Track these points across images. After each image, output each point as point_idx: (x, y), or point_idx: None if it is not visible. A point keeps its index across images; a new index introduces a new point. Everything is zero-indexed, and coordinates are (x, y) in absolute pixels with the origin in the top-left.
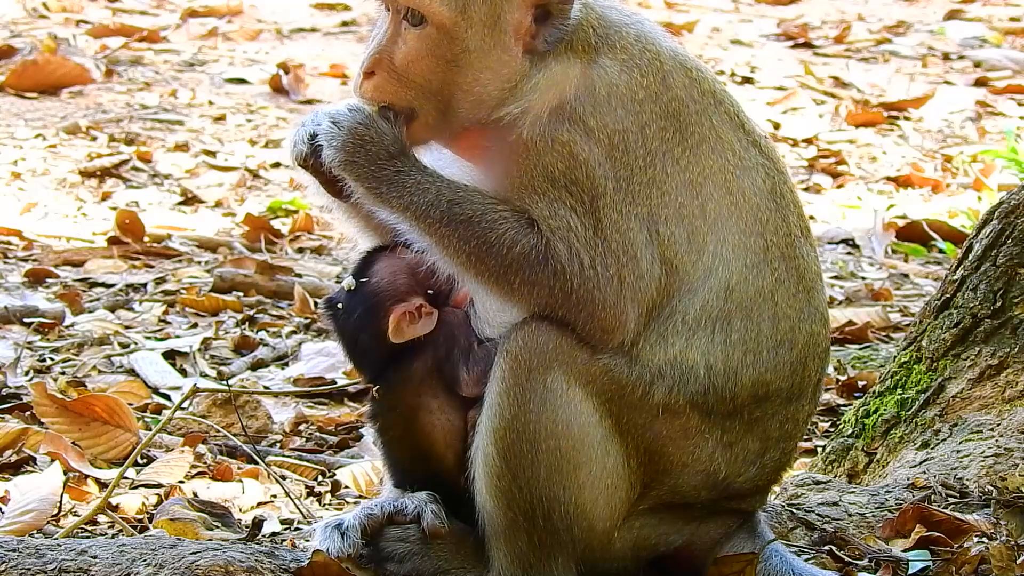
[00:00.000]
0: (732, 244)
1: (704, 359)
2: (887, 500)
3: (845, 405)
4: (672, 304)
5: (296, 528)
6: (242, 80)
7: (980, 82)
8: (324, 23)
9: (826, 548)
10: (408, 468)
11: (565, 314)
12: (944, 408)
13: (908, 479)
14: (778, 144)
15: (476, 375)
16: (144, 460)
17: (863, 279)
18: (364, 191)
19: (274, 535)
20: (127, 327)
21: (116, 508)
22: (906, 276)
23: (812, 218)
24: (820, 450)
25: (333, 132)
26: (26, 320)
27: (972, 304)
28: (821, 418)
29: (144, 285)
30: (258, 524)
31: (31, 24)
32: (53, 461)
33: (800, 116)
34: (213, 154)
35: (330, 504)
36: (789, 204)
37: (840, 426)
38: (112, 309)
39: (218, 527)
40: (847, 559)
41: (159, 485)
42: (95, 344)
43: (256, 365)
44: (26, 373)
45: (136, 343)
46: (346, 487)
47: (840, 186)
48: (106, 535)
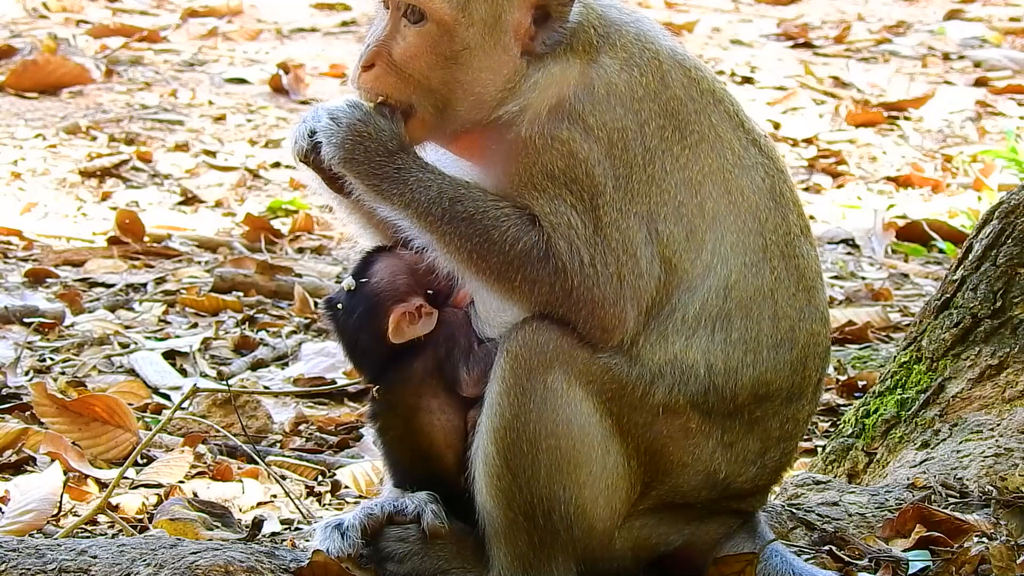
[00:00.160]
0: (731, 242)
1: (704, 358)
2: (887, 500)
3: (845, 405)
4: (672, 303)
5: (296, 528)
6: (242, 80)
7: (980, 82)
8: (324, 23)
9: (826, 548)
10: (408, 468)
11: (565, 312)
12: (944, 408)
13: (908, 479)
14: (778, 144)
15: (476, 375)
16: (144, 460)
17: (863, 279)
18: (364, 188)
19: (274, 535)
20: (127, 327)
21: (116, 508)
22: (906, 276)
23: (812, 218)
24: (820, 450)
25: (332, 129)
26: (26, 320)
27: (972, 304)
28: (821, 418)
29: (144, 285)
30: (258, 524)
31: (31, 24)
32: (53, 461)
33: (800, 116)
34: (213, 154)
35: (330, 504)
36: (788, 203)
37: (840, 426)
38: (112, 309)
39: (218, 527)
40: (847, 559)
41: (159, 485)
42: (95, 344)
43: (256, 365)
44: (26, 373)
45: (136, 343)
46: (346, 487)
47: (840, 186)
48: (106, 535)
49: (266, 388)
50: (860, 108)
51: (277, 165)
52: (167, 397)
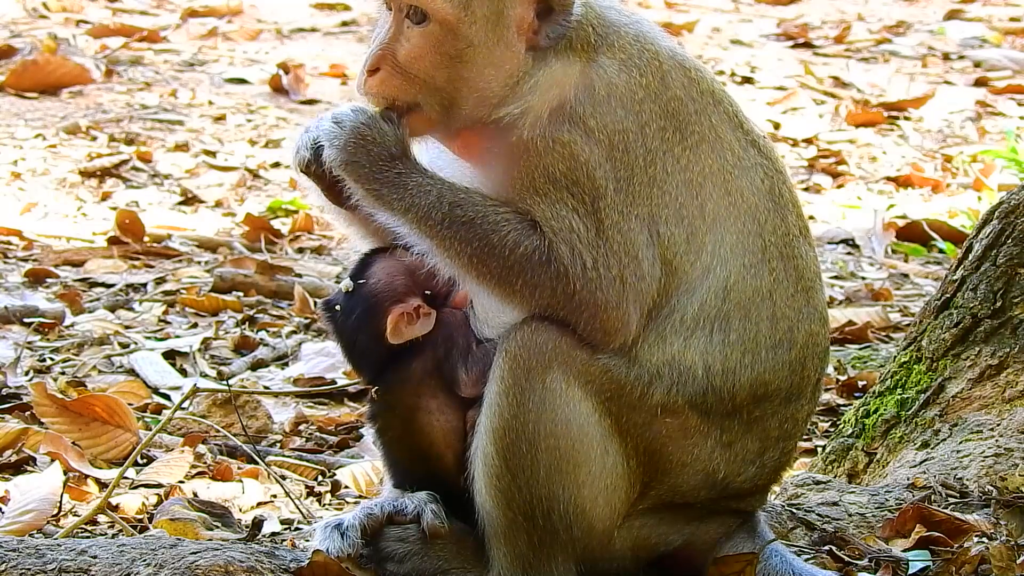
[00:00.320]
0: (730, 244)
1: (702, 359)
2: (887, 500)
3: (845, 405)
4: (671, 304)
5: (296, 528)
6: (242, 80)
7: (980, 82)
8: (324, 23)
9: (826, 548)
10: (408, 468)
11: (567, 315)
12: (944, 408)
13: (908, 479)
14: (778, 144)
15: (475, 375)
16: (144, 460)
17: (863, 279)
18: (364, 193)
19: (274, 535)
20: (127, 327)
21: (116, 508)
22: (906, 276)
23: (812, 218)
24: (820, 450)
25: (335, 132)
26: (26, 320)
27: (972, 304)
28: (821, 418)
29: (144, 285)
30: (258, 524)
31: (31, 24)
32: (53, 461)
33: (800, 116)
34: (213, 154)
35: (330, 504)
36: (788, 204)
37: (840, 426)
38: (112, 309)
39: (218, 527)
40: (847, 559)
41: (159, 485)
42: (95, 344)
43: (256, 365)
44: (26, 373)
45: (136, 343)
46: (346, 487)
47: (840, 186)
48: (106, 535)
49: (266, 388)
50: (860, 108)
51: (277, 165)
52: (167, 397)
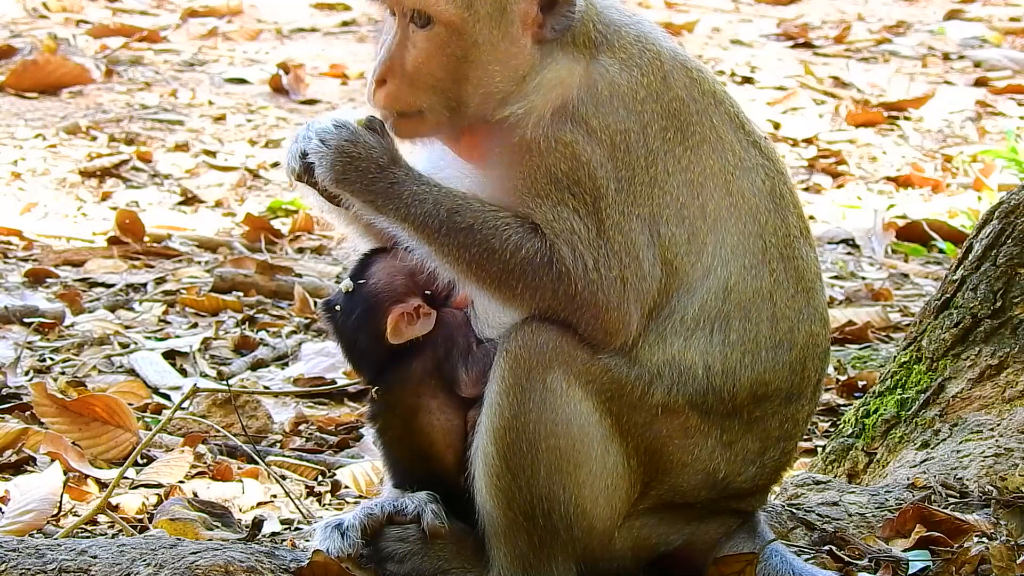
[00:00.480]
0: (731, 245)
1: (702, 359)
2: (887, 500)
3: (845, 405)
4: (671, 304)
5: (296, 528)
6: (242, 80)
7: (980, 82)
8: (324, 23)
9: (826, 548)
10: (408, 468)
11: (567, 316)
12: (944, 408)
13: (908, 479)
14: (778, 144)
15: (475, 375)
16: (144, 460)
17: (863, 279)
18: (361, 204)
19: (274, 535)
20: (127, 327)
21: (116, 508)
22: (906, 276)
23: (812, 218)
24: (820, 450)
25: (322, 152)
26: (26, 320)
27: (972, 304)
28: (821, 418)
29: (144, 285)
30: (258, 524)
31: (31, 24)
32: (53, 461)
33: (800, 116)
34: (213, 154)
35: (330, 504)
36: (789, 205)
37: (840, 426)
38: (112, 309)
39: (218, 527)
40: (847, 559)
41: (159, 485)
42: (95, 344)
43: (256, 365)
44: (26, 373)
45: (136, 343)
46: (346, 487)
47: (840, 186)
48: (106, 535)
49: (266, 388)
50: (860, 108)
51: (277, 165)
52: (167, 397)
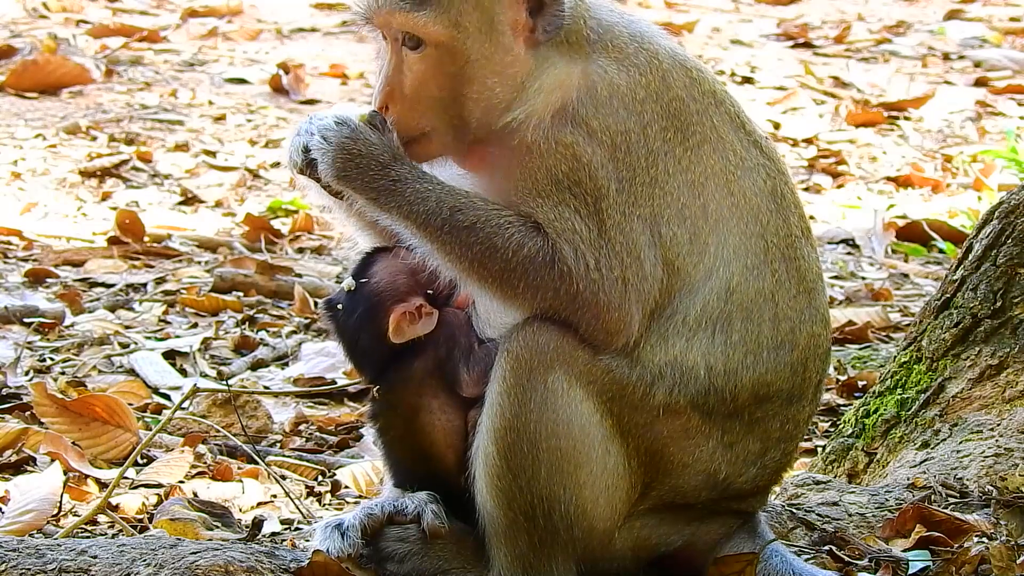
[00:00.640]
0: (733, 245)
1: (704, 360)
2: (887, 500)
3: (845, 405)
4: (673, 305)
5: (296, 528)
6: (242, 80)
7: (980, 82)
8: (324, 23)
9: (826, 548)
10: (408, 468)
11: (568, 316)
12: (944, 408)
13: (908, 479)
14: (778, 144)
15: (476, 375)
16: (144, 460)
17: (863, 279)
18: (363, 201)
19: (274, 535)
20: (127, 327)
21: (116, 508)
22: (906, 276)
23: (812, 218)
24: (820, 450)
25: (324, 148)
26: (26, 320)
27: (972, 304)
28: (821, 418)
29: (144, 285)
30: (258, 524)
31: (31, 24)
32: (53, 461)
33: (800, 116)
34: (213, 154)
35: (330, 504)
36: (790, 205)
37: (840, 426)
38: (112, 309)
39: (218, 527)
40: (847, 559)
41: (159, 485)
42: (95, 344)
43: (256, 365)
44: (26, 373)
45: (136, 343)
46: (346, 487)
47: (840, 186)
48: (106, 535)
49: (266, 388)
50: (860, 108)
51: (277, 165)
52: (167, 397)
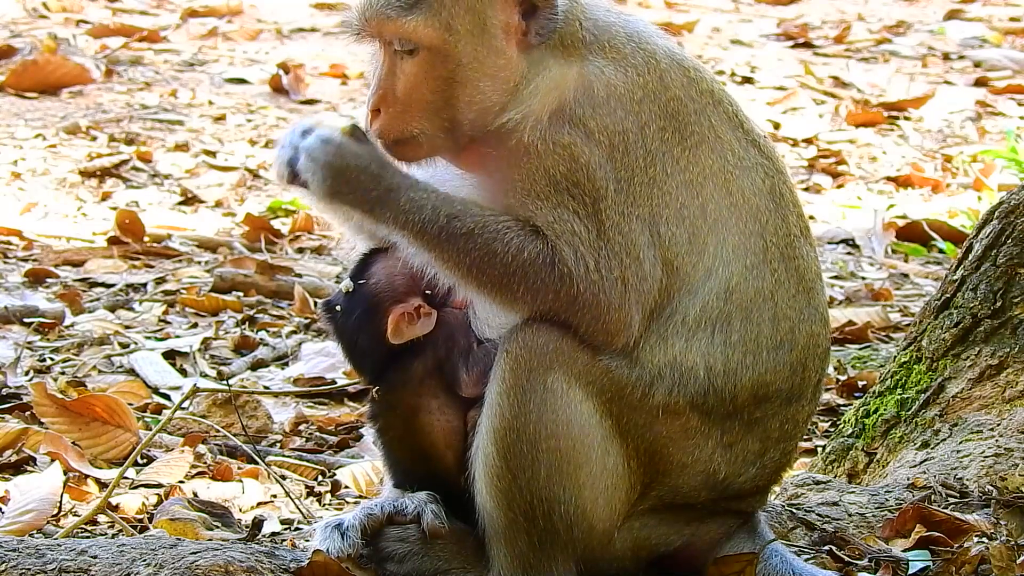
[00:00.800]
0: (732, 245)
1: (704, 360)
2: (887, 500)
3: (845, 405)
4: (672, 305)
5: (296, 528)
6: (242, 80)
7: (980, 82)
8: (324, 23)
9: (826, 548)
10: (408, 468)
11: (568, 317)
12: (944, 408)
13: (908, 479)
14: (778, 144)
15: (476, 375)
16: (144, 460)
17: (863, 279)
18: (360, 215)
19: (274, 535)
20: (127, 327)
21: (116, 508)
22: (906, 276)
23: (812, 218)
24: (820, 450)
25: (311, 168)
26: (26, 320)
27: (972, 304)
28: (821, 418)
29: (144, 285)
30: (258, 524)
31: (31, 24)
32: (53, 461)
33: (800, 116)
34: (213, 154)
35: (330, 504)
36: (789, 204)
37: (840, 426)
38: (112, 309)
39: (218, 527)
40: (847, 559)
41: (159, 485)
42: (95, 344)
43: (256, 365)
44: (26, 373)
45: (136, 343)
46: (346, 487)
47: (840, 186)
48: (106, 535)
49: (266, 388)
50: (860, 108)
51: None
52: (167, 397)
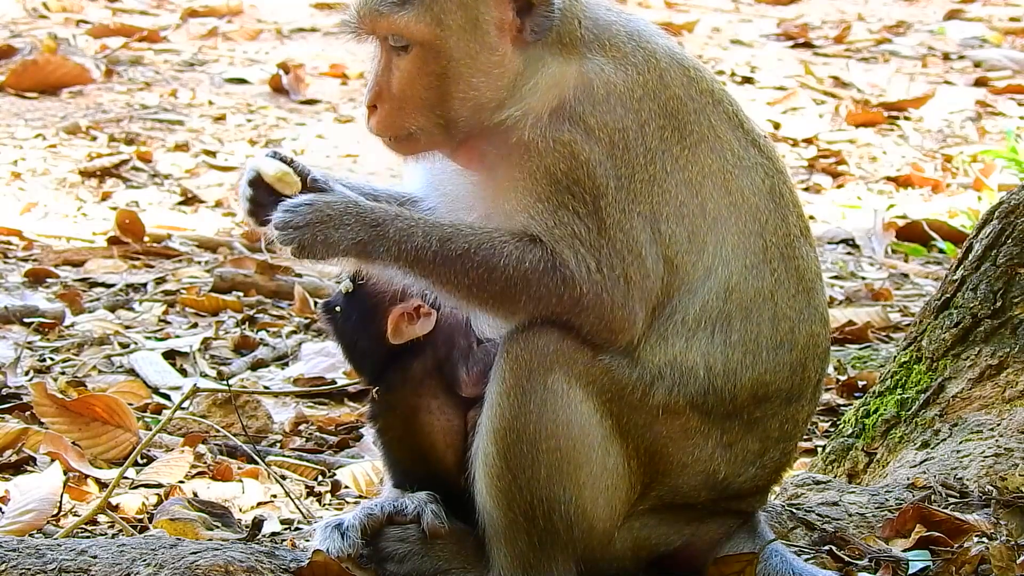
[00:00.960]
0: (732, 244)
1: (704, 360)
2: (887, 500)
3: (845, 405)
4: (672, 304)
5: (296, 528)
6: (242, 80)
7: (980, 82)
8: (324, 23)
9: (826, 548)
10: (408, 468)
11: (572, 319)
12: (944, 408)
13: (908, 479)
14: (778, 144)
15: (475, 375)
16: (144, 460)
17: (863, 279)
18: (353, 260)
19: (274, 535)
20: (127, 327)
21: (116, 508)
22: (906, 276)
23: (812, 218)
24: (820, 450)
25: (284, 237)
26: (26, 320)
27: (972, 304)
28: (821, 418)
29: (144, 285)
30: (258, 524)
31: (31, 24)
32: (53, 461)
33: (800, 116)
34: (213, 154)
35: (330, 504)
36: (788, 204)
37: (840, 426)
38: (112, 309)
39: (218, 527)
40: (847, 559)
41: (159, 485)
42: (95, 344)
43: (256, 365)
44: (26, 373)
45: (136, 343)
46: (346, 487)
47: (840, 186)
48: (106, 535)
49: (266, 388)
50: (860, 108)
51: None
52: (167, 397)
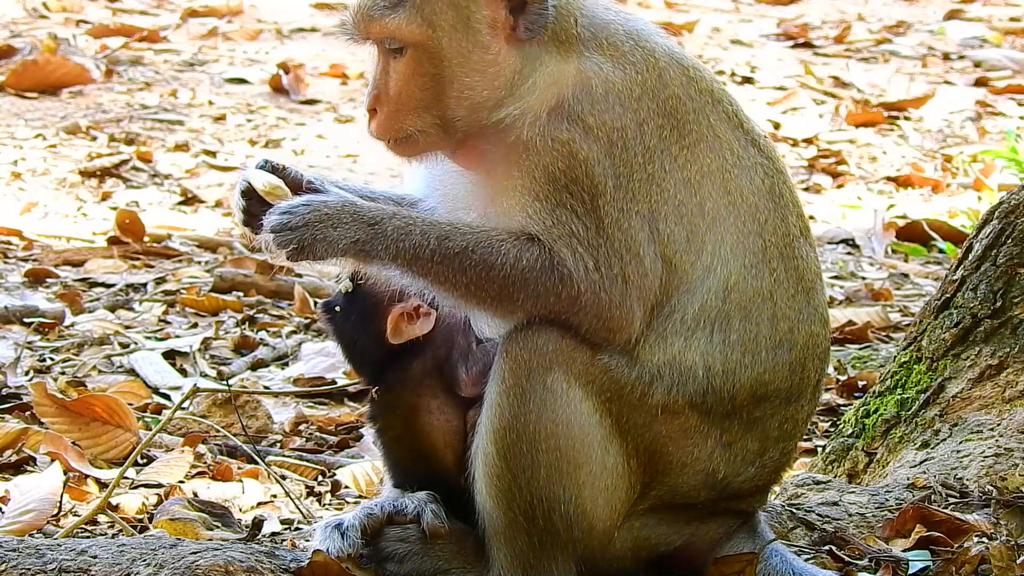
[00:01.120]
0: (731, 244)
1: (703, 359)
2: (887, 500)
3: (845, 405)
4: (671, 304)
5: (296, 528)
6: (242, 80)
7: (980, 82)
8: (324, 23)
9: (826, 548)
10: (408, 468)
11: (570, 318)
12: (944, 408)
13: (908, 479)
14: (778, 144)
15: (475, 375)
16: (144, 460)
17: (863, 279)
18: (352, 261)
19: (274, 535)
20: (127, 327)
21: (116, 508)
22: (906, 276)
23: (812, 218)
24: (820, 450)
25: (286, 240)
26: (26, 320)
27: (972, 304)
28: (821, 418)
29: (144, 285)
30: (258, 524)
31: (31, 24)
32: (53, 461)
33: (800, 116)
34: (213, 154)
35: (330, 504)
36: (788, 204)
37: (840, 426)
38: (112, 309)
39: (218, 527)
40: (847, 559)
41: (159, 485)
42: (95, 344)
43: (256, 365)
44: (26, 373)
45: (136, 343)
46: (346, 487)
47: (840, 186)
48: (106, 535)
49: (266, 388)
50: (860, 108)
51: None
52: (167, 397)
